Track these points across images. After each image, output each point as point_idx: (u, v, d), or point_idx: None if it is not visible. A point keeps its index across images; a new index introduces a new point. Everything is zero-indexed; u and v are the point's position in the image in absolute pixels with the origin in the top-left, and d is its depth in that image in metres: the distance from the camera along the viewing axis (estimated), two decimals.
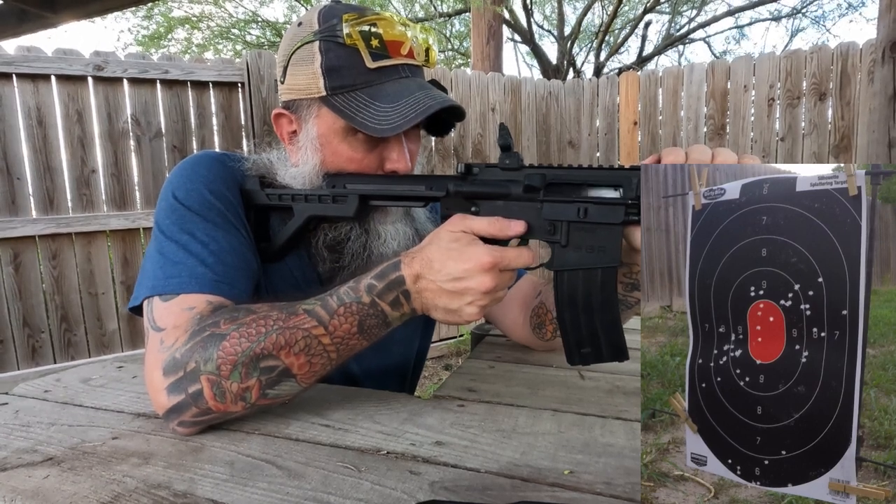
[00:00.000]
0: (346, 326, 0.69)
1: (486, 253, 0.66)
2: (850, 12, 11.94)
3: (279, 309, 0.70)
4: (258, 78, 3.20)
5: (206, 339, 0.67)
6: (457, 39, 11.26)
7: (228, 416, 0.69)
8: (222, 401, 0.67)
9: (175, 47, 10.01)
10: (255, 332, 0.67)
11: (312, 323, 0.68)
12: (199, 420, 0.68)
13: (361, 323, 0.70)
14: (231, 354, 0.66)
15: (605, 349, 0.70)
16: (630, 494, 0.55)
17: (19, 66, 2.68)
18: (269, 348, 0.66)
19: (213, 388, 0.66)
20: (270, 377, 0.67)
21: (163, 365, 0.68)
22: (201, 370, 0.66)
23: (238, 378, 0.66)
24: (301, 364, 0.68)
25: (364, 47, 0.77)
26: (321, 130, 0.82)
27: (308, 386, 0.71)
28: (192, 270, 0.74)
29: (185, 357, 0.67)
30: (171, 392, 0.67)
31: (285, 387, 0.69)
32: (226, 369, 0.66)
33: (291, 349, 0.67)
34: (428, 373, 3.72)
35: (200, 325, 0.69)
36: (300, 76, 0.81)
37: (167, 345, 0.69)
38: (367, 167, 0.83)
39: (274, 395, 0.69)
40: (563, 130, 4.31)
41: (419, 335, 1.08)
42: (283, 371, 0.67)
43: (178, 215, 0.78)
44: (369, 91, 0.78)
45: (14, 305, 2.80)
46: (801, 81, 3.72)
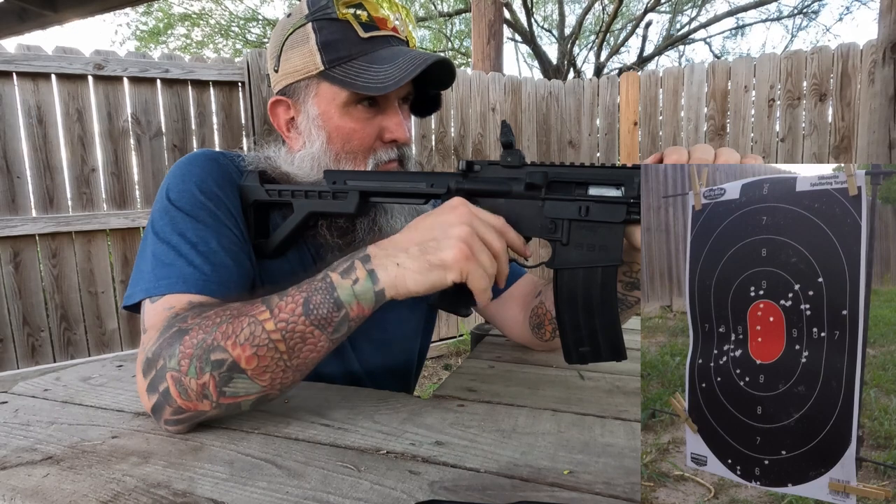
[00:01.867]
0: (290, 307, 0.64)
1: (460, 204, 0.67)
2: (852, 7, 11.91)
3: (244, 301, 0.68)
4: (258, 77, 3.20)
5: (172, 335, 0.66)
6: (457, 39, 11.26)
7: (203, 415, 0.67)
8: (187, 398, 0.65)
9: (174, 43, 10.00)
10: (210, 323, 0.65)
11: (260, 308, 0.65)
12: (178, 418, 0.67)
13: (307, 301, 0.64)
14: (189, 349, 0.64)
15: (604, 348, 0.70)
16: (630, 494, 0.55)
17: (19, 65, 2.68)
18: (217, 339, 0.63)
19: (177, 385, 0.64)
20: (221, 372, 0.63)
21: (141, 366, 0.68)
22: (167, 367, 0.65)
23: (195, 374, 0.63)
24: (248, 357, 0.63)
25: (355, 21, 0.80)
26: (322, 108, 0.83)
27: (266, 387, 0.66)
28: (180, 271, 0.74)
29: (154, 355, 0.66)
30: (149, 392, 0.67)
31: (240, 384, 0.64)
32: (184, 364, 0.64)
33: (237, 338, 0.63)
34: (428, 373, 3.72)
35: (170, 323, 0.68)
36: (295, 59, 0.83)
37: (144, 345, 0.69)
38: (368, 138, 0.84)
39: (232, 392, 0.64)
40: (563, 130, 4.31)
41: (420, 334, 1.08)
42: (232, 365, 0.63)
43: (171, 216, 0.78)
44: (366, 58, 0.80)
45: (14, 304, 2.80)
46: (802, 82, 3.72)
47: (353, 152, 0.84)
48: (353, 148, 0.84)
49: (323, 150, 0.84)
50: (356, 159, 0.85)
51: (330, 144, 0.84)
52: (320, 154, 0.84)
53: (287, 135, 0.89)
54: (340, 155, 0.84)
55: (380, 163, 0.85)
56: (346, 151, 0.84)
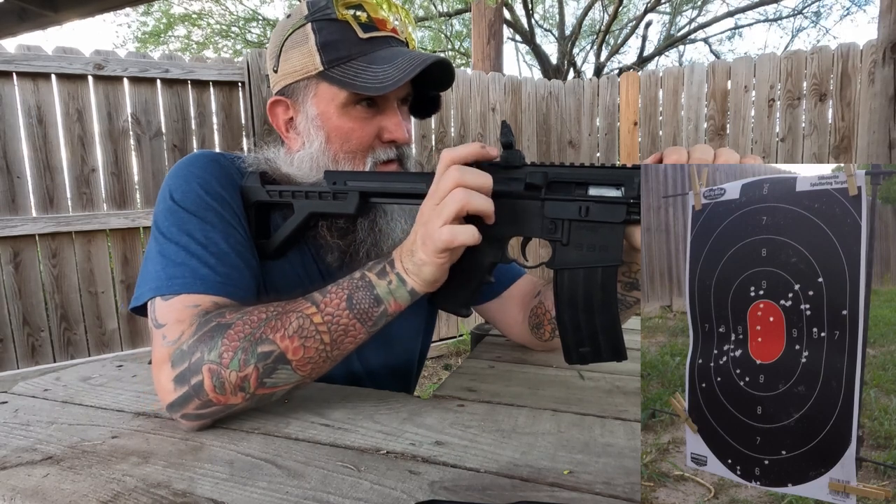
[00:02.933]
0: (335, 301, 0.70)
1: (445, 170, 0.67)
2: (851, 10, 11.92)
3: (284, 300, 0.72)
4: (258, 77, 3.20)
5: (212, 329, 0.68)
6: (457, 39, 11.26)
7: (230, 408, 0.70)
8: (222, 392, 0.67)
9: (174, 44, 10.01)
10: (256, 318, 0.69)
11: (306, 304, 0.70)
12: (201, 413, 0.69)
13: (350, 297, 0.71)
14: (234, 341, 0.67)
15: (604, 349, 0.69)
16: (630, 494, 0.55)
17: (19, 65, 2.68)
18: (266, 332, 0.68)
19: (213, 378, 0.67)
20: (267, 363, 0.67)
21: (171, 357, 0.69)
22: (204, 360, 0.67)
23: (237, 366, 0.67)
24: (295, 348, 0.68)
25: (354, 21, 0.81)
26: (320, 108, 0.84)
27: (304, 377, 0.71)
28: (195, 272, 0.74)
29: (191, 348, 0.68)
30: (177, 383, 0.68)
31: (282, 374, 0.69)
32: (227, 357, 0.66)
33: (286, 331, 0.68)
34: (428, 372, 3.72)
35: (206, 318, 0.70)
36: (294, 59, 0.83)
37: (171, 339, 0.70)
38: (366, 137, 0.84)
39: (272, 383, 0.69)
40: (563, 130, 4.31)
41: (421, 333, 1.08)
42: (279, 356, 0.68)
43: (177, 217, 0.78)
44: (365, 59, 0.80)
45: (14, 304, 2.80)
46: (802, 82, 3.72)
47: (351, 152, 0.84)
48: (352, 148, 0.84)
49: (322, 150, 0.84)
50: (355, 159, 0.85)
51: (328, 144, 0.84)
52: (319, 154, 0.84)
53: (286, 135, 0.90)
54: (339, 155, 0.84)
55: (378, 162, 0.85)
56: (345, 151, 0.84)
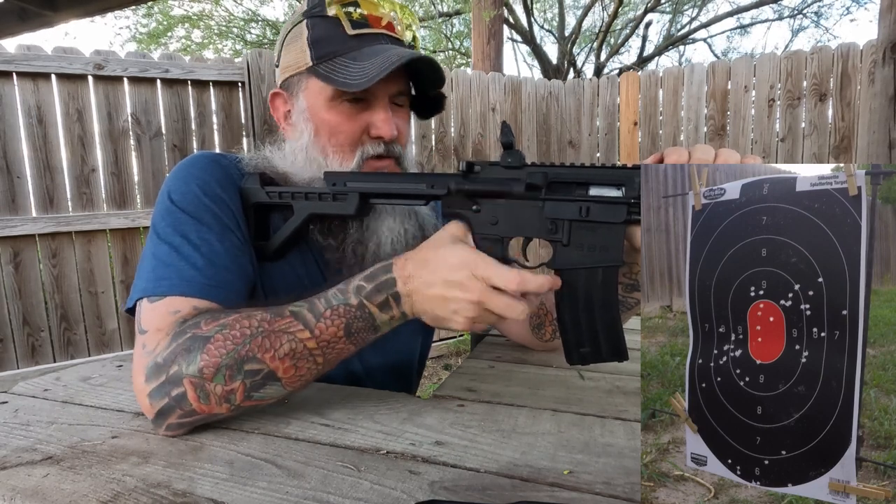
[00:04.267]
0: (332, 330, 0.68)
1: (480, 262, 0.64)
2: (852, 9, 11.90)
3: (265, 310, 0.69)
4: (258, 77, 3.20)
5: (188, 341, 0.66)
6: (457, 39, 11.26)
7: (214, 417, 0.69)
8: (206, 403, 0.66)
9: (174, 45, 10.01)
10: (238, 333, 0.66)
11: (298, 326, 0.68)
12: (185, 422, 0.68)
13: (348, 326, 0.68)
14: (215, 357, 0.65)
15: (605, 349, 0.69)
16: (630, 494, 0.55)
17: (19, 65, 2.68)
18: (253, 351, 0.66)
19: (197, 390, 0.66)
20: (255, 380, 0.67)
21: (145, 370, 0.68)
22: (184, 373, 0.65)
23: (222, 381, 0.66)
24: (286, 368, 0.67)
25: (345, 18, 0.82)
26: (310, 102, 0.86)
27: (294, 390, 0.71)
28: (181, 273, 0.74)
29: (167, 361, 0.66)
30: (153, 397, 0.67)
31: (270, 390, 0.68)
32: (209, 372, 0.65)
33: (276, 353, 0.66)
34: (428, 373, 3.72)
35: (181, 328, 0.68)
36: (290, 54, 0.86)
37: (149, 349, 0.69)
38: (354, 132, 0.85)
39: (259, 397, 0.68)
40: (563, 130, 4.31)
41: (421, 333, 1.08)
42: (268, 374, 0.67)
43: (173, 217, 0.78)
44: (350, 55, 0.82)
45: (14, 304, 2.80)
46: (802, 82, 3.72)
47: (339, 146, 0.85)
48: (340, 141, 0.85)
49: (311, 142, 0.86)
50: (343, 153, 0.86)
51: (317, 137, 0.86)
52: (309, 146, 0.86)
53: (285, 127, 0.92)
54: (327, 148, 0.85)
55: (366, 156, 0.85)
56: (333, 145, 0.85)
